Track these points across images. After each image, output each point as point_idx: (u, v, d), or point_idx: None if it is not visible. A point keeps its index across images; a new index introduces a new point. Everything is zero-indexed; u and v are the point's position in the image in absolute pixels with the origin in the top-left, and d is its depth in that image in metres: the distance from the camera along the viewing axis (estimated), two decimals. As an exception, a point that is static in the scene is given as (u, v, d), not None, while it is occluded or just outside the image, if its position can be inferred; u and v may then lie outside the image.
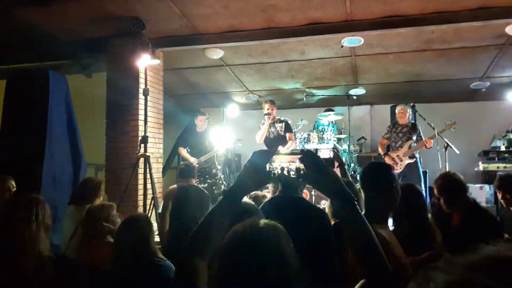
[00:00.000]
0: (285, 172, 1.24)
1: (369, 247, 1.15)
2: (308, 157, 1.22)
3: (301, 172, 1.22)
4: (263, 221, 1.05)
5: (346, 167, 3.52)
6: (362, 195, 1.93)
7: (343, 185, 1.19)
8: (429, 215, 3.25)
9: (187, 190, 3.93)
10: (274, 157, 1.25)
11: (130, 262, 2.20)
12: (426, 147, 5.49)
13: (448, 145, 5.46)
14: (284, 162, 1.25)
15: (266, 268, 0.94)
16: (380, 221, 1.83)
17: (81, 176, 5.76)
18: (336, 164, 3.45)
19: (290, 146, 5.51)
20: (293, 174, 1.24)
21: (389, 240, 1.74)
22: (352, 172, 6.61)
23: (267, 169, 1.24)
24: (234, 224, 1.08)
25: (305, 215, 2.26)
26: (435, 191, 2.93)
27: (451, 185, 2.84)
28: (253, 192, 3.35)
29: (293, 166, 1.24)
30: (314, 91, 7.89)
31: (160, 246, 3.78)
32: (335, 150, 6.41)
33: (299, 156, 1.24)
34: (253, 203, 2.35)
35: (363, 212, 1.91)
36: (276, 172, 1.25)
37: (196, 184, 4.24)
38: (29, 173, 5.13)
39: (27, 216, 1.94)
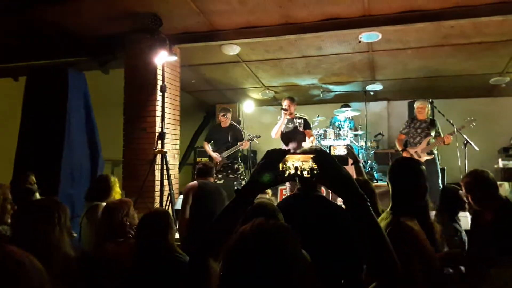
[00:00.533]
0: (299, 172, 1.23)
1: (379, 248, 1.14)
2: (320, 156, 1.22)
3: (314, 171, 1.22)
4: (270, 222, 1.04)
5: (361, 164, 3.47)
6: (390, 188, 1.96)
7: (355, 184, 1.19)
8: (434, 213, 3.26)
9: (208, 186, 3.99)
10: (287, 156, 1.24)
11: (150, 258, 2.21)
12: (444, 143, 5.41)
13: (467, 141, 5.38)
14: (297, 161, 1.25)
15: (271, 269, 0.94)
16: (408, 214, 1.86)
17: (98, 172, 5.84)
18: (350, 161, 3.42)
19: (312, 141, 5.51)
20: (306, 174, 1.23)
21: (417, 232, 1.75)
22: (369, 169, 6.56)
23: (281, 168, 1.24)
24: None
25: (325, 214, 2.23)
26: (463, 189, 2.88)
27: (478, 182, 2.75)
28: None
29: (306, 166, 1.23)
30: (331, 87, 7.84)
31: (179, 243, 3.83)
32: (349, 147, 6.36)
33: (312, 155, 1.23)
34: (272, 201, 2.33)
35: (390, 206, 1.92)
36: (289, 171, 1.24)
37: (215, 181, 4.29)
38: (47, 169, 5.23)
39: (50, 220, 1.96)
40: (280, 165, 1.23)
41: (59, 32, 5.56)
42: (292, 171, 1.23)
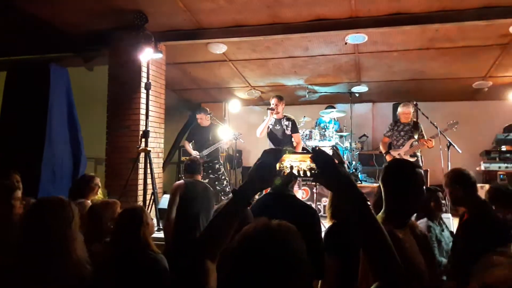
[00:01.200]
0: (295, 171, 1.21)
1: (382, 248, 1.13)
2: (319, 155, 1.20)
3: (313, 171, 1.20)
4: (274, 222, 1.03)
5: (345, 165, 3.49)
6: (382, 191, 1.81)
7: (355, 184, 1.18)
8: None
9: (195, 185, 3.90)
10: (284, 155, 1.23)
11: (124, 255, 2.23)
12: (428, 147, 5.46)
13: (450, 144, 5.45)
14: (294, 161, 1.23)
15: (277, 269, 0.92)
16: (399, 223, 1.72)
17: (81, 170, 5.74)
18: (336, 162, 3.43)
19: (297, 149, 5.46)
20: (303, 174, 1.22)
21: (404, 242, 1.66)
22: (354, 170, 6.60)
23: (278, 168, 1.22)
24: None
25: (293, 213, 2.24)
26: (444, 186, 2.84)
27: (456, 179, 2.72)
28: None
29: (304, 165, 1.21)
30: (316, 87, 7.86)
31: (164, 242, 3.78)
32: (335, 148, 6.39)
33: (310, 154, 1.21)
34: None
35: (381, 211, 1.87)
36: (285, 171, 1.22)
37: (202, 180, 4.17)
38: (28, 166, 5.11)
39: (66, 217, 1.95)
40: (277, 164, 1.22)
41: (43, 27, 5.44)
42: (289, 171, 1.22)
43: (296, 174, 1.21)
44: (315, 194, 5.31)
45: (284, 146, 5.42)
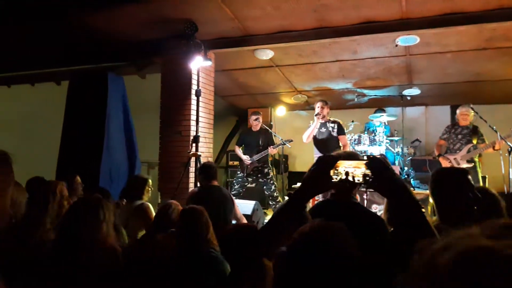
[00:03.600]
0: (350, 178, 1.22)
1: None
2: (376, 163, 1.20)
3: (367, 178, 1.20)
4: (328, 223, 1.05)
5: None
6: (433, 202, 1.78)
7: (410, 191, 1.17)
8: None
9: (209, 192, 3.85)
10: (339, 162, 1.24)
11: (188, 253, 2.30)
12: (494, 149, 5.17)
13: (511, 149, 5.13)
14: (349, 167, 1.23)
15: (333, 269, 0.95)
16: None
17: (136, 173, 6.01)
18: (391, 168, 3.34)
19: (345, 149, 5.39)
20: (358, 180, 1.22)
21: None
22: (406, 176, 6.39)
23: (332, 174, 1.23)
24: None
25: (361, 223, 2.18)
26: None
27: None
28: None
29: (359, 172, 1.21)
30: (365, 91, 7.69)
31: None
32: (382, 155, 6.21)
33: (365, 161, 1.21)
34: None
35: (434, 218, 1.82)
36: (341, 177, 1.23)
37: (218, 185, 4.05)
38: (87, 169, 5.43)
39: (97, 218, 2.13)
40: (332, 171, 1.23)
41: (99, 38, 5.75)
42: (343, 177, 1.23)
43: (351, 180, 1.21)
44: (365, 201, 5.19)
45: (331, 149, 5.36)
